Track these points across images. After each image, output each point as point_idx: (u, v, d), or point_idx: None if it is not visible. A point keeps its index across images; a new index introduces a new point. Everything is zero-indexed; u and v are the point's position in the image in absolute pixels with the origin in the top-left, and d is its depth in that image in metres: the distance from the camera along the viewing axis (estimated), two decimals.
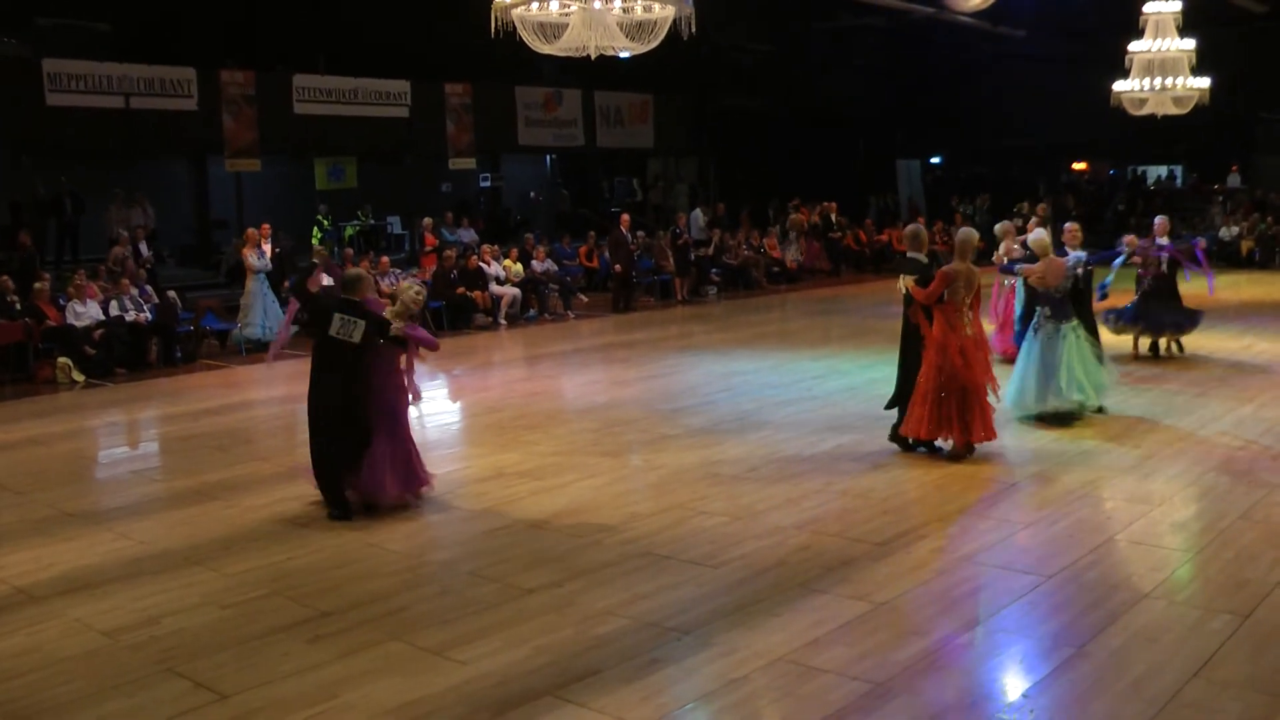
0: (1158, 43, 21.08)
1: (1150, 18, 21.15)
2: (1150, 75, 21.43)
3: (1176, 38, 21.08)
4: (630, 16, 12.33)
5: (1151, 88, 21.53)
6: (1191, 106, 22.09)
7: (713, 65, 31.30)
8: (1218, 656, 6.51)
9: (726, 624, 7.01)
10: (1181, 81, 21.38)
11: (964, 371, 10.52)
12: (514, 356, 18.85)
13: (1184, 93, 21.64)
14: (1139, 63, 21.42)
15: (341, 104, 25.32)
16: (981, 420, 10.72)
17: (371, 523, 9.21)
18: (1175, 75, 21.36)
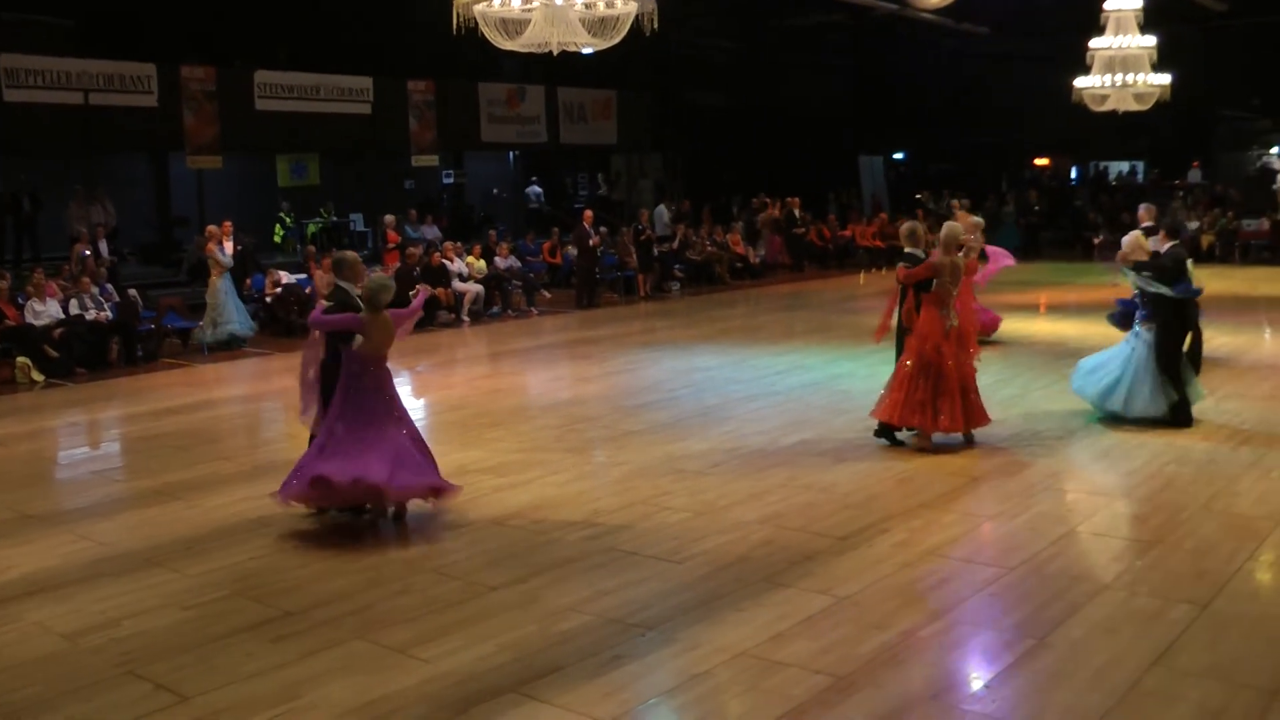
0: (1119, 40, 21.26)
1: (1111, 15, 21.32)
2: (1112, 72, 21.61)
3: (1137, 35, 21.26)
4: (592, 13, 12.32)
5: (1113, 84, 21.71)
6: (1152, 103, 22.30)
7: (676, 61, 31.32)
8: (1177, 645, 6.59)
9: (689, 619, 7.03)
10: (1142, 78, 21.58)
11: (940, 361, 10.80)
12: (477, 353, 18.83)
13: (1145, 89, 21.83)
14: (1100, 60, 21.59)
15: (304, 100, 25.19)
16: (950, 413, 10.90)
17: (335, 523, 9.19)
18: (1136, 72, 21.54)
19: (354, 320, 9.05)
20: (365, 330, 8.99)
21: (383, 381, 9.17)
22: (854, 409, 13.03)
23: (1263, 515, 8.99)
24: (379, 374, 9.14)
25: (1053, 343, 17.55)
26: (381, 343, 9.09)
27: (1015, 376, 14.91)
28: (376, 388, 9.12)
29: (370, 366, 9.09)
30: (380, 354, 9.12)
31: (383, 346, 9.12)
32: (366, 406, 9.03)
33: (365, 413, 9.01)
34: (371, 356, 9.07)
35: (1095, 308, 20.42)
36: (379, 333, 9.04)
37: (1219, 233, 30.70)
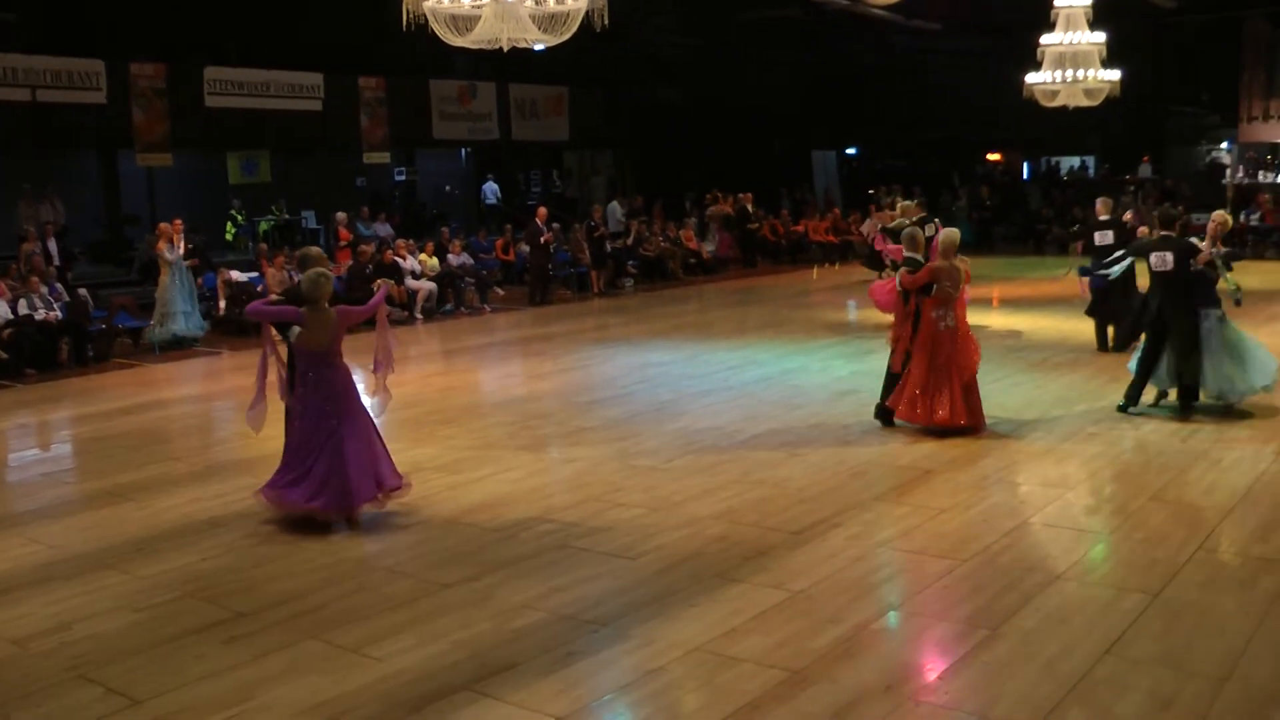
0: (1069, 36, 21.37)
1: (1061, 12, 21.43)
2: (1062, 68, 21.73)
3: (1087, 31, 21.38)
4: (543, 9, 12.29)
5: (1063, 80, 21.83)
6: (1102, 98, 22.43)
7: (628, 57, 31.28)
8: (1128, 634, 6.66)
9: (643, 615, 7.05)
10: (1092, 74, 21.71)
11: (943, 361, 11.26)
12: (430, 351, 18.77)
13: (1095, 85, 21.97)
14: (1050, 56, 21.71)
15: (254, 97, 25.01)
16: (950, 406, 11.29)
17: (287, 522, 9.13)
18: (1086, 68, 21.67)
19: (292, 312, 8.96)
20: (304, 323, 8.87)
21: (328, 381, 8.98)
22: (807, 403, 13.11)
23: (1212, 505, 9.10)
24: (325, 373, 8.98)
25: (1006, 336, 17.67)
26: (321, 337, 8.90)
27: None
28: (319, 385, 8.96)
29: (315, 363, 8.96)
30: (322, 349, 8.94)
31: (322, 341, 8.92)
32: (313, 409, 8.94)
33: (311, 417, 8.93)
34: (314, 351, 8.93)
35: (1047, 301, 20.64)
36: (318, 326, 8.88)
37: None
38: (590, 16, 12.07)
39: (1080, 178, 38.58)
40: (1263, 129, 32.62)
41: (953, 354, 11.29)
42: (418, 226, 28.55)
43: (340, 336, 9.06)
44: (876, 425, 11.84)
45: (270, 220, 28.17)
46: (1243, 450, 10.69)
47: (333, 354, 9.02)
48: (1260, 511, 8.94)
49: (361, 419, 9.16)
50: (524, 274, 24.71)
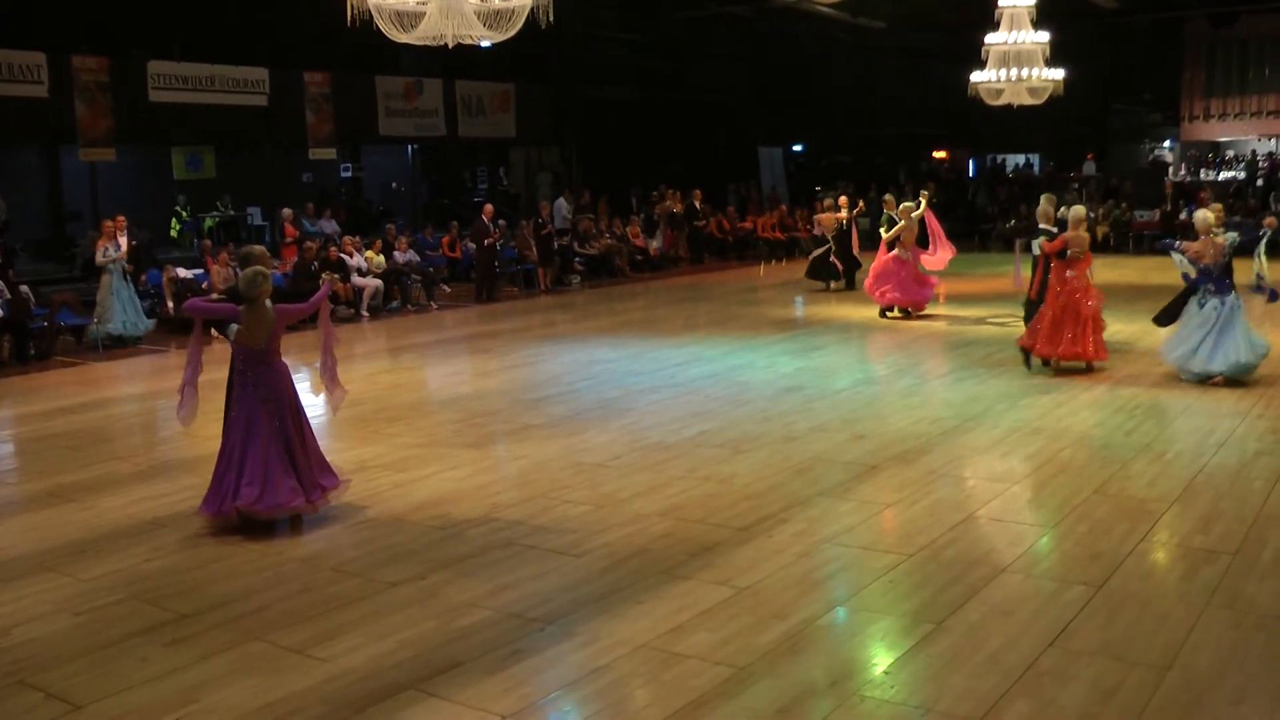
0: (1013, 36, 21.53)
1: (1005, 11, 21.58)
2: (1006, 67, 21.90)
3: (1031, 31, 21.54)
4: (488, 5, 12.27)
5: (1007, 79, 21.99)
6: (1046, 97, 22.62)
7: (574, 54, 31.25)
8: (1072, 626, 6.74)
9: (589, 613, 7.05)
10: (1036, 73, 21.89)
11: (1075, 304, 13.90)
12: (377, 348, 18.67)
13: (1039, 84, 22.16)
14: (995, 55, 21.88)
15: (198, 91, 24.76)
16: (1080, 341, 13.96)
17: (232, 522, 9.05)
18: (1030, 67, 21.85)
19: (229, 310, 8.97)
20: (241, 320, 8.86)
21: (266, 381, 8.90)
22: (753, 400, 13.15)
23: (1155, 497, 9.21)
24: (263, 372, 8.90)
25: (950, 332, 17.80)
26: (259, 335, 8.85)
27: (914, 366, 15.11)
28: (256, 384, 8.88)
29: (253, 362, 8.90)
30: (259, 347, 8.87)
31: (259, 339, 8.86)
32: (247, 409, 8.85)
33: (246, 417, 8.84)
34: (252, 349, 8.88)
35: (992, 298, 20.80)
36: (256, 324, 8.83)
37: (1113, 224, 31.27)
38: (535, 13, 12.06)
39: (1025, 175, 38.88)
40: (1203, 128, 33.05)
41: (1081, 301, 13.91)
42: (364, 223, 28.41)
43: (279, 334, 8.98)
44: (822, 421, 11.95)
45: (215, 217, 27.96)
46: (1185, 444, 10.85)
47: (270, 352, 8.93)
48: (1201, 504, 9.06)
49: (299, 419, 9.07)
50: (470, 271, 24.64)
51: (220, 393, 9.40)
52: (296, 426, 9.00)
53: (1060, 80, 22.20)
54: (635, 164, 33.65)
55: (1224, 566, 7.65)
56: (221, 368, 9.57)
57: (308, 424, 9.22)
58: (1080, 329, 13.94)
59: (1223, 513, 8.83)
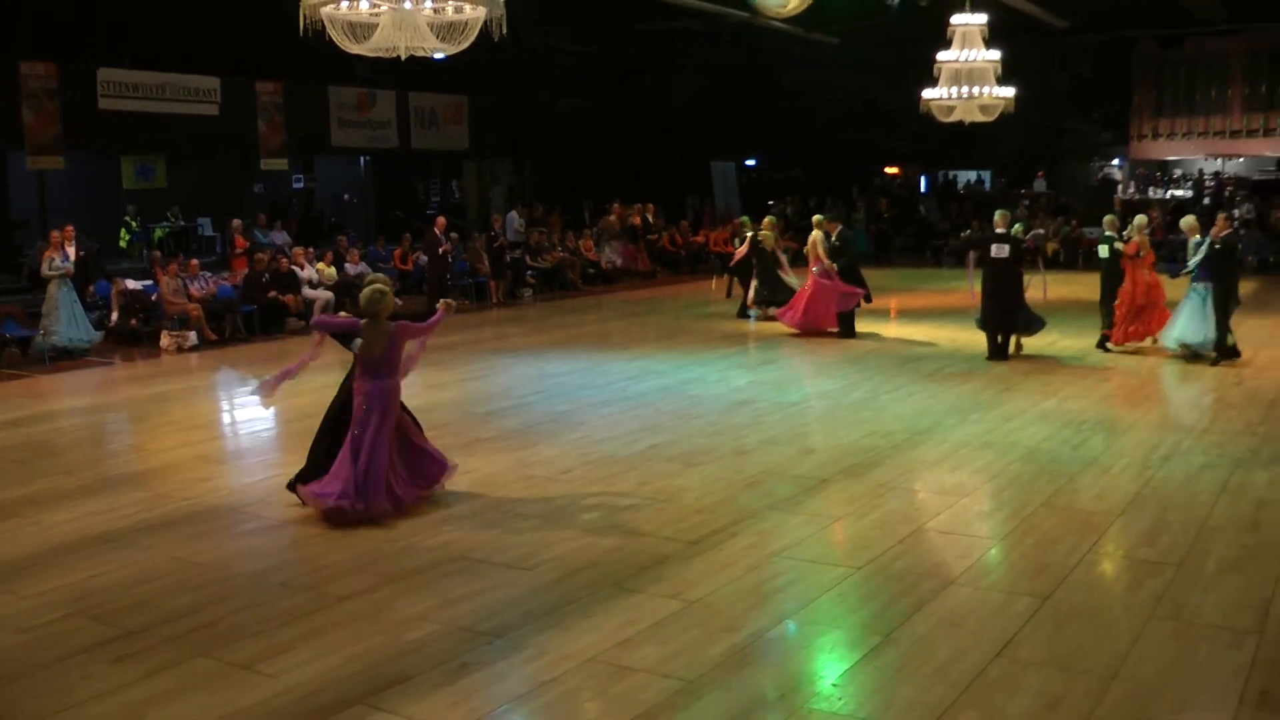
0: (965, 53, 21.65)
1: (958, 29, 21.71)
2: (958, 84, 22.02)
3: (983, 49, 21.68)
4: (441, 17, 12.27)
5: (959, 96, 22.12)
6: (998, 115, 22.75)
7: (528, 66, 31.22)
8: (1019, 637, 6.80)
9: (539, 626, 7.04)
10: (988, 91, 22.01)
11: (1148, 294, 16.91)
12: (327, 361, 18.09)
13: (990, 101, 22.27)
14: (947, 72, 21.99)
15: (149, 100, 24.50)
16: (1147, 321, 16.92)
17: (181, 536, 9.02)
18: (982, 85, 21.97)
19: (352, 323, 9.65)
20: (363, 334, 9.48)
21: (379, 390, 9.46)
22: (704, 414, 13.18)
23: (1102, 510, 9.33)
24: (377, 382, 9.47)
25: (902, 347, 17.89)
26: (376, 347, 9.44)
27: (865, 380, 15.15)
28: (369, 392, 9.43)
29: (369, 371, 9.47)
30: (375, 359, 9.44)
31: (377, 350, 9.44)
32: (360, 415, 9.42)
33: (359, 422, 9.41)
34: (369, 361, 9.45)
35: (943, 313, 20.93)
36: (375, 338, 9.44)
37: (1063, 240, 31.53)
38: (489, 25, 12.07)
39: (977, 191, 39.16)
40: (1152, 146, 33.40)
41: (1150, 297, 16.85)
42: (316, 235, 28.27)
43: (397, 349, 9.60)
44: (772, 435, 12.01)
45: (165, 227, 27.74)
46: (1131, 457, 10.96)
47: (386, 364, 9.52)
48: (1147, 516, 9.18)
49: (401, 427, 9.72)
50: (422, 284, 24.55)
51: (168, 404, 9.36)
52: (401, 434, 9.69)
53: (1011, 98, 22.34)
54: (588, 177, 33.65)
55: (1169, 578, 7.75)
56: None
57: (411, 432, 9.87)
58: (1155, 312, 16.90)
59: (1168, 525, 8.94)
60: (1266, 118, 31.51)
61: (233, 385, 16.67)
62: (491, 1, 11.93)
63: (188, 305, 19.35)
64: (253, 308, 20.47)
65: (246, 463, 11.74)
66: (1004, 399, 13.78)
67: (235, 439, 13.26)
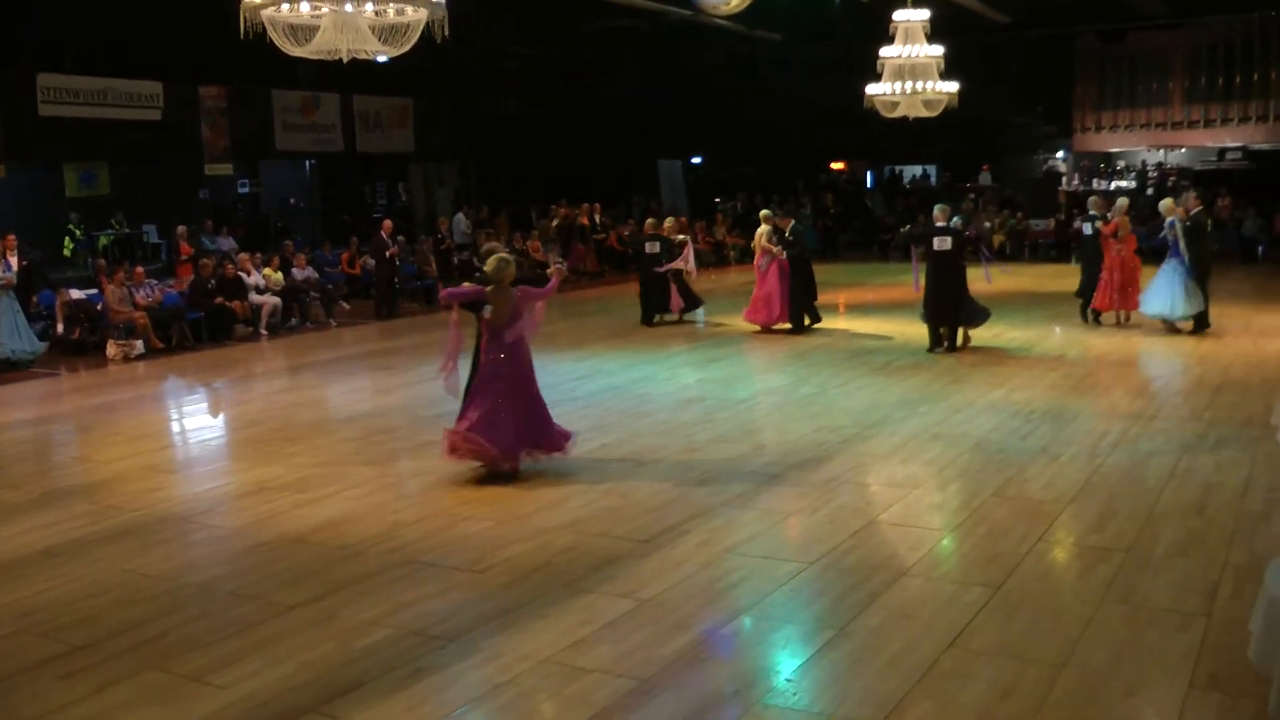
0: (907, 49, 21.74)
1: (900, 25, 21.79)
2: (901, 80, 22.10)
3: (925, 45, 21.78)
4: (382, 20, 12.23)
5: (903, 91, 22.20)
6: (941, 109, 22.86)
7: (472, 68, 31.13)
8: (971, 626, 6.84)
9: (492, 629, 7.01)
10: (931, 86, 22.11)
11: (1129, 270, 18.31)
12: (276, 367, 18.47)
13: (933, 96, 22.37)
14: (890, 68, 22.06)
15: (91, 106, 24.25)
16: (1125, 296, 18.26)
17: (130, 548, 8.93)
18: (925, 80, 22.06)
19: (480, 292, 10.44)
20: (490, 299, 10.34)
21: (508, 348, 10.43)
22: (654, 412, 13.18)
23: (1051, 499, 9.39)
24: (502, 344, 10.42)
25: (849, 341, 17.96)
26: (503, 313, 10.36)
27: (814, 375, 15.20)
28: (500, 351, 10.43)
29: (495, 335, 10.43)
30: (502, 323, 10.39)
31: (503, 316, 10.37)
32: (496, 372, 10.41)
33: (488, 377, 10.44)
34: (496, 326, 10.40)
35: (890, 307, 21.03)
36: (501, 304, 10.33)
37: (1009, 233, 31.77)
38: (431, 27, 12.04)
39: (922, 186, 39.37)
40: (1095, 139, 33.66)
41: (1129, 275, 18.20)
42: (262, 239, 28.06)
43: (520, 313, 10.48)
44: (723, 432, 12.02)
45: (110, 234, 27.44)
46: (1080, 446, 11.03)
47: (511, 328, 10.43)
48: (1096, 503, 9.25)
49: (532, 383, 10.65)
50: (370, 287, 24.43)
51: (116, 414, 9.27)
52: (531, 388, 10.59)
53: (955, 93, 22.46)
54: (535, 178, 33.60)
55: (1118, 564, 7.82)
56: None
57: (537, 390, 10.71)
58: (1135, 289, 18.18)
59: (1117, 511, 9.01)
60: (1207, 109, 31.79)
61: (181, 394, 16.55)
62: (433, 4, 11.91)
63: (134, 314, 19.18)
64: (200, 315, 20.31)
65: (196, 472, 11.64)
66: (952, 391, 13.86)
67: (184, 448, 13.15)
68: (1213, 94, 31.56)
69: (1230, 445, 10.93)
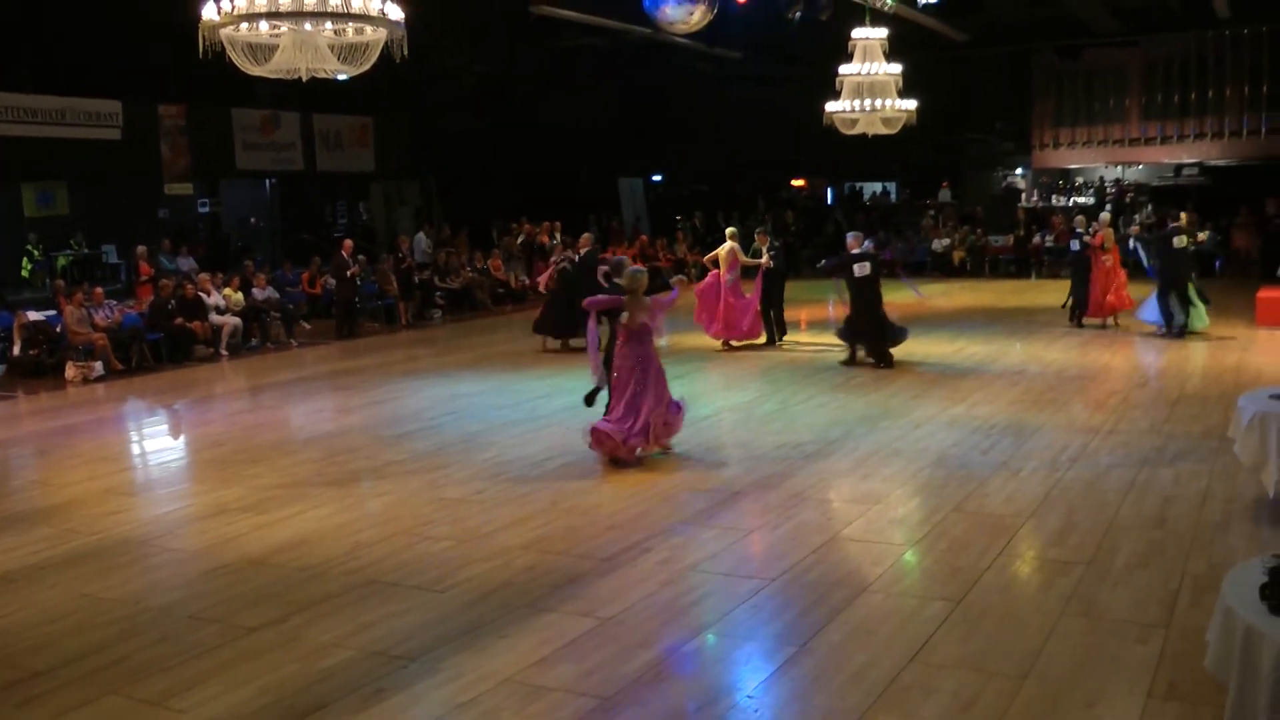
0: (866, 67, 21.85)
1: (859, 43, 21.90)
2: (860, 97, 22.20)
3: (884, 62, 21.89)
4: (342, 39, 12.21)
5: (862, 109, 22.30)
6: (900, 127, 22.96)
7: (433, 87, 31.09)
8: (932, 641, 6.88)
9: (453, 648, 6.99)
10: (890, 104, 22.22)
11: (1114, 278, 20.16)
12: (237, 388, 18.36)
13: (892, 114, 22.47)
14: (849, 85, 22.15)
15: (49, 125, 24.04)
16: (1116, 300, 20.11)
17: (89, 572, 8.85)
18: (883, 97, 22.18)
19: (617, 300, 11.69)
20: (627, 307, 11.57)
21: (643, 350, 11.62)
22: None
23: (1012, 513, 9.44)
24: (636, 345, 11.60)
25: (812, 357, 18.01)
26: (637, 318, 11.59)
27: (775, 391, 15.24)
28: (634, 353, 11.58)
29: (632, 337, 11.60)
30: (637, 327, 11.60)
31: (638, 320, 11.59)
32: (632, 371, 11.54)
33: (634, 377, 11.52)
34: (633, 329, 11.60)
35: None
36: (636, 310, 11.57)
37: (969, 249, 31.96)
38: (390, 47, 12.02)
39: (883, 203, 39.55)
40: (1053, 155, 33.88)
41: (1112, 280, 19.96)
42: (222, 259, 27.91)
43: (654, 318, 11.83)
44: (685, 449, 12.04)
45: (69, 255, 27.24)
46: (1039, 460, 11.11)
47: (644, 330, 11.67)
48: (1057, 516, 9.32)
49: (662, 376, 11.78)
50: (331, 307, 24.33)
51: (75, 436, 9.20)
52: (656, 386, 11.62)
53: (913, 110, 22.58)
54: (496, 197, 33.55)
55: (1078, 576, 7.87)
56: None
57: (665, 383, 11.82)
58: (1119, 296, 20.06)
59: (1077, 525, 9.07)
60: (1163, 126, 32.04)
61: (141, 415, 16.44)
62: (392, 23, 11.90)
63: (93, 335, 19.05)
64: (159, 335, 20.18)
65: (156, 494, 11.56)
66: (913, 406, 13.93)
67: (144, 470, 13.05)
68: (1169, 111, 31.82)
69: (1189, 458, 11.03)
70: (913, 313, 20.31)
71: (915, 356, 17.36)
